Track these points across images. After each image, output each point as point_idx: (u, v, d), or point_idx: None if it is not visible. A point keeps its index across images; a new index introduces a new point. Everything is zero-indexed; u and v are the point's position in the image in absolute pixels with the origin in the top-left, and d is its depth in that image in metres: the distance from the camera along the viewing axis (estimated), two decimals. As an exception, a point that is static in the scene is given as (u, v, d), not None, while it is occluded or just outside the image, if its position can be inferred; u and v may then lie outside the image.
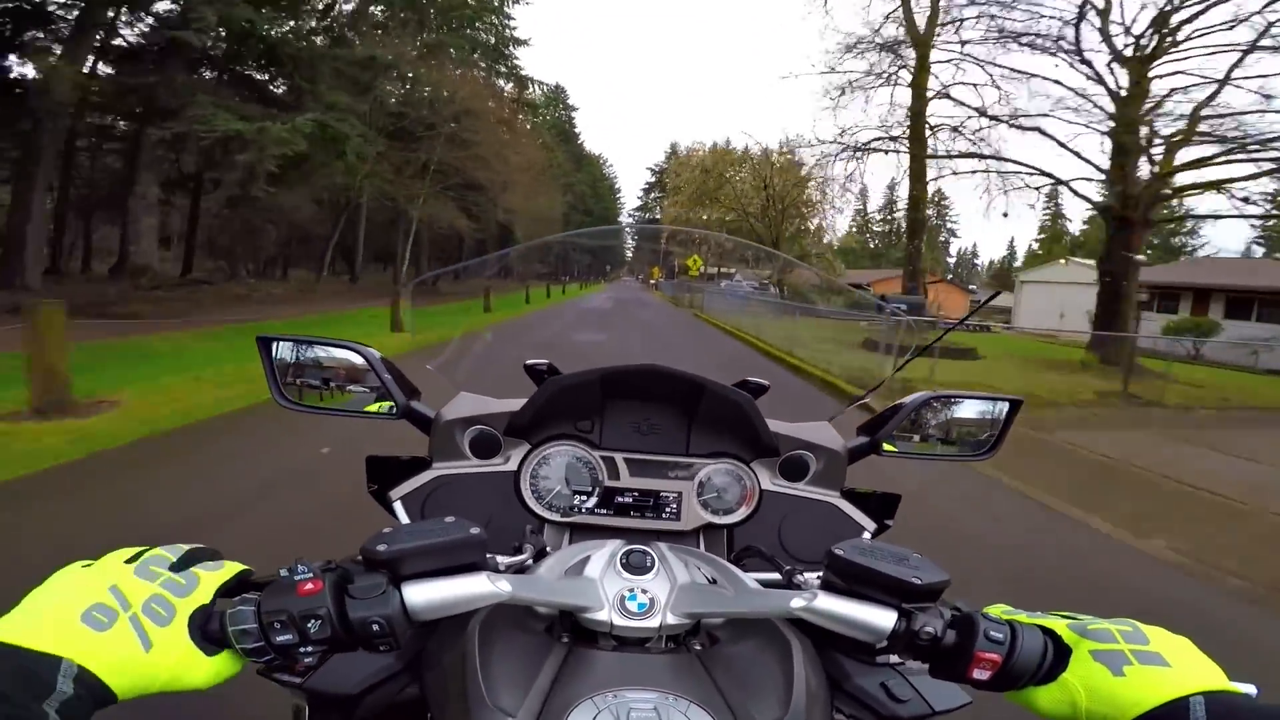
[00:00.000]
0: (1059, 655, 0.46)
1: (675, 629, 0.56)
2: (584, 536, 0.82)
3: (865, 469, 0.88)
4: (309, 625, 0.43)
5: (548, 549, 0.67)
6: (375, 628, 0.45)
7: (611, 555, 0.63)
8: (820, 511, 0.88)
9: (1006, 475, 4.21)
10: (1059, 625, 0.48)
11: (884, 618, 0.49)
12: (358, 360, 0.86)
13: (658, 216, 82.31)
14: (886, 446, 0.89)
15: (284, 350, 0.86)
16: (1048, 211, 78.68)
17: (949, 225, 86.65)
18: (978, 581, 2.50)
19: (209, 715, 1.44)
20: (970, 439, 0.93)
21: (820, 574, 0.55)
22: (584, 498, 0.86)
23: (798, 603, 0.50)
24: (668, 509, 0.86)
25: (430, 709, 0.57)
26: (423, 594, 0.47)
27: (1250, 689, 0.42)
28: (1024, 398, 0.93)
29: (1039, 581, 2.74)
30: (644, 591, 0.58)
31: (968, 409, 0.93)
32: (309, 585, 0.45)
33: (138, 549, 0.45)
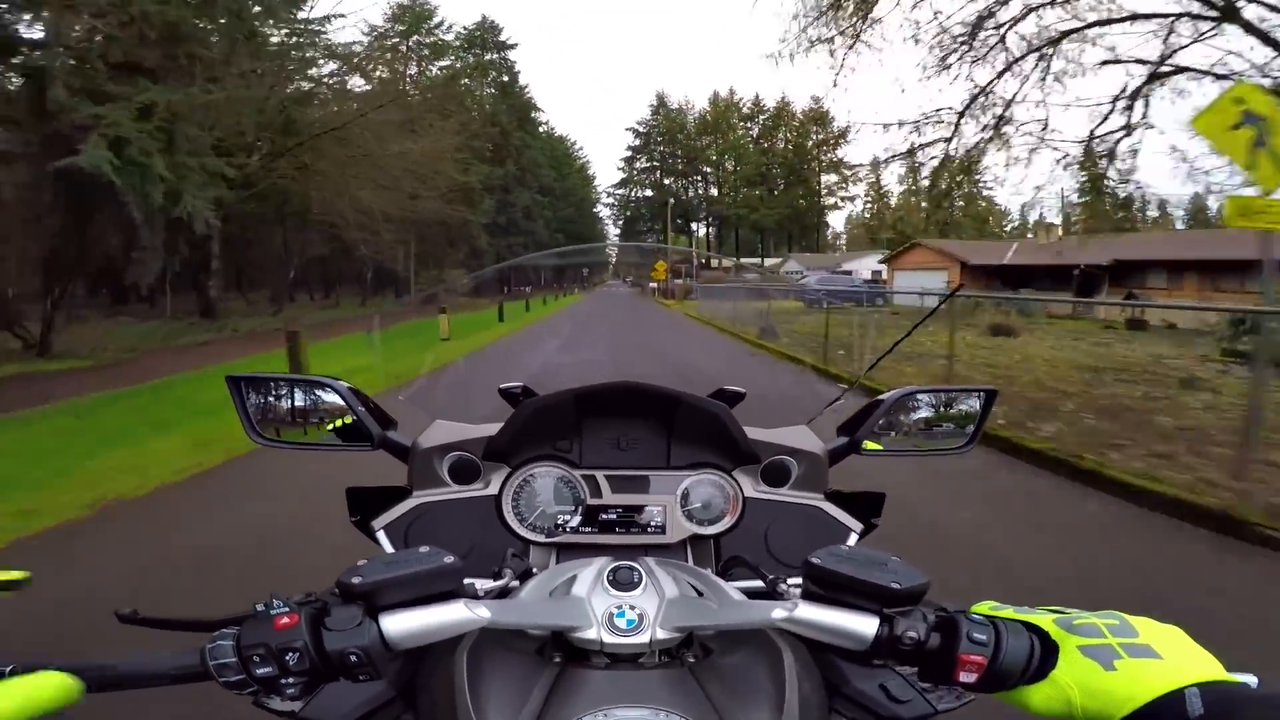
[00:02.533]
0: (1046, 652, 0.49)
1: (666, 643, 0.59)
2: (571, 556, 0.86)
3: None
4: (288, 658, 0.48)
5: (534, 570, 0.72)
6: (353, 658, 0.49)
7: (599, 572, 0.66)
8: (805, 515, 0.94)
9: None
10: (1045, 621, 0.51)
11: (866, 624, 0.52)
12: (330, 394, 0.92)
13: (648, 194, 72.73)
14: (867, 445, 0.95)
15: (254, 389, 0.93)
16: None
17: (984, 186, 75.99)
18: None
19: None
20: (949, 431, 1.00)
21: (796, 584, 0.59)
22: (567, 517, 0.91)
23: (779, 613, 0.54)
24: (652, 523, 0.92)
25: None
26: (400, 624, 0.51)
27: (1250, 678, 0.43)
28: (998, 388, 1.01)
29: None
30: (632, 607, 0.60)
31: (945, 401, 1.00)
32: (284, 619, 0.49)
33: None
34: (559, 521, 0.92)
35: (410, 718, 0.67)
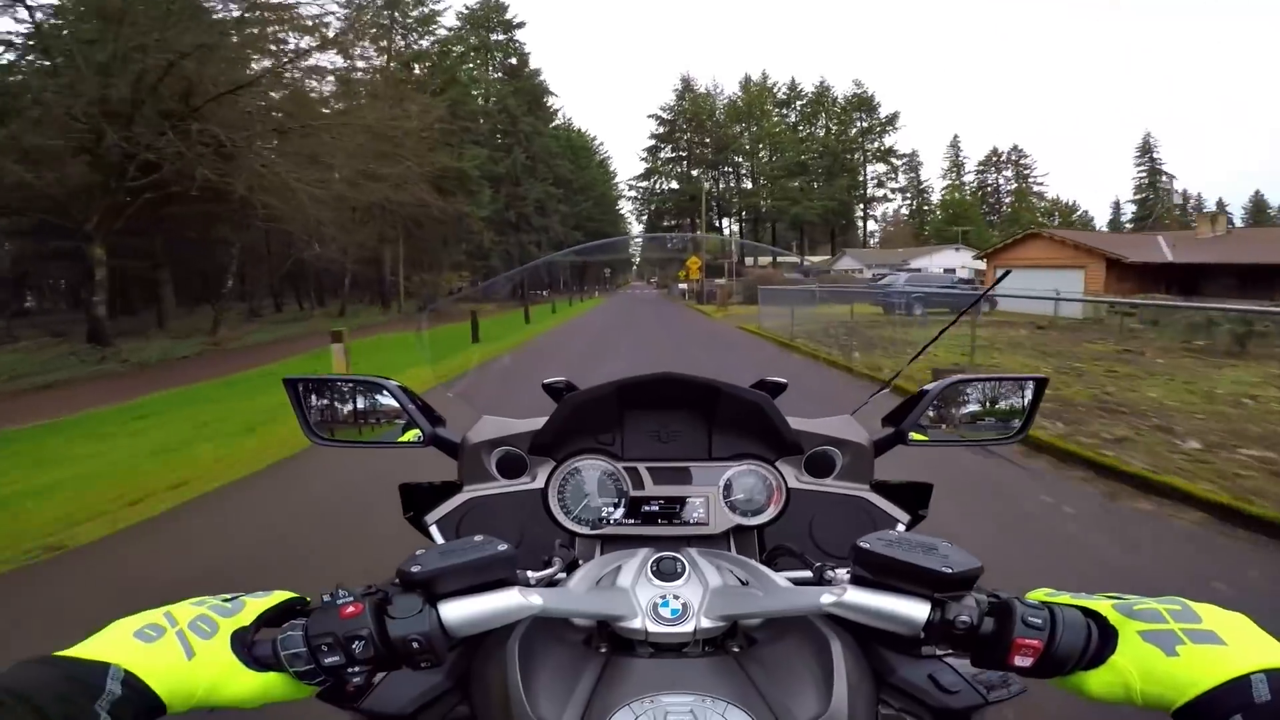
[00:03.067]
0: (1104, 638, 0.49)
1: (710, 632, 0.62)
2: (615, 547, 0.88)
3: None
4: (354, 646, 0.50)
5: (580, 561, 0.74)
6: (415, 645, 0.51)
7: (642, 563, 0.69)
8: (850, 506, 0.95)
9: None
10: (1103, 606, 0.51)
11: (917, 609, 0.52)
12: (382, 394, 0.97)
13: (674, 186, 66.41)
14: (913, 435, 0.96)
15: (310, 390, 0.99)
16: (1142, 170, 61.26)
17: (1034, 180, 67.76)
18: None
19: None
20: (997, 421, 0.99)
21: (847, 570, 0.60)
22: (611, 509, 0.95)
23: (827, 598, 0.55)
24: (695, 514, 0.94)
25: None
26: (458, 611, 0.53)
27: None
28: (1048, 376, 1.00)
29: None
30: (676, 597, 0.64)
31: (992, 391, 1.00)
32: (350, 608, 0.52)
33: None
34: (603, 514, 0.94)
35: (465, 708, 0.69)
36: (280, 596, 0.56)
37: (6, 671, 0.42)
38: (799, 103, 69.75)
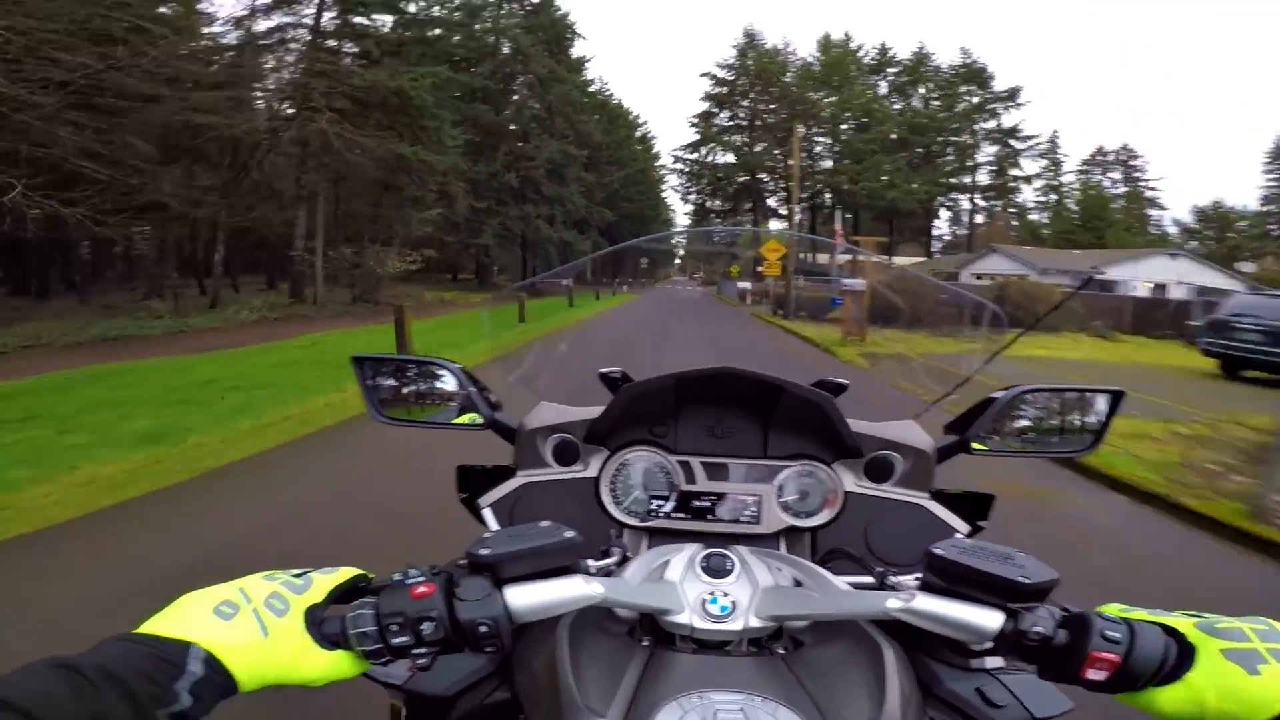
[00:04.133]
0: (1182, 655, 0.50)
1: (758, 632, 0.64)
2: (662, 541, 0.91)
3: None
4: (423, 627, 0.51)
5: (628, 554, 0.76)
6: (483, 629, 0.52)
7: (690, 559, 0.71)
8: (908, 513, 0.94)
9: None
10: (1183, 624, 0.52)
11: (989, 618, 0.53)
12: (444, 374, 1.01)
13: (730, 159, 54.11)
14: (976, 445, 0.95)
15: (376, 369, 1.03)
16: None
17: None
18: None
19: (315, 714, 1.64)
20: (1068, 433, 0.98)
21: (916, 576, 0.61)
22: (661, 502, 0.96)
23: (894, 603, 0.55)
24: (747, 512, 0.95)
25: (522, 710, 0.65)
26: (524, 596, 0.54)
27: None
28: (1124, 389, 0.96)
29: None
30: (725, 594, 0.66)
31: (1064, 402, 0.99)
32: (421, 588, 0.53)
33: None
34: (652, 506, 0.96)
35: (505, 694, 0.71)
36: (348, 573, 0.57)
37: (93, 649, 0.44)
38: (890, 70, 56.06)
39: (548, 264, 37.24)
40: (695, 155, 57.44)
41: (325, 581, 0.55)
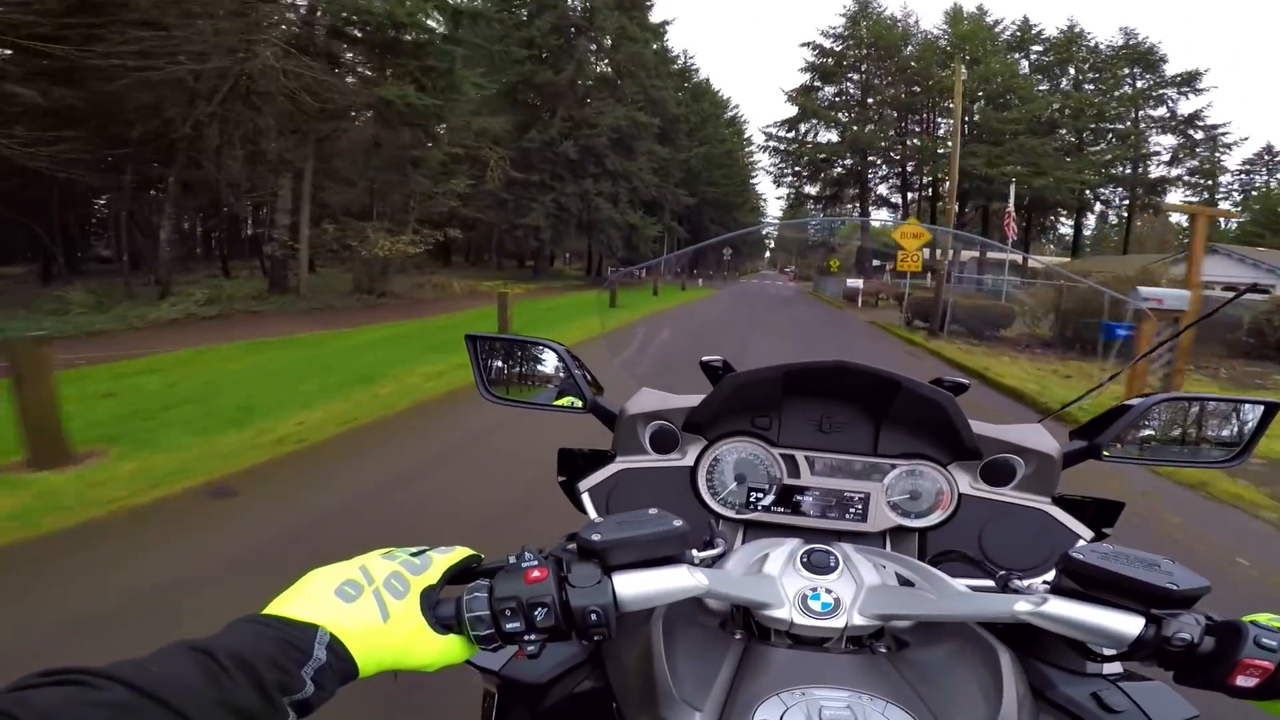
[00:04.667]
0: None
1: (861, 630, 0.63)
2: (758, 534, 0.91)
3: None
4: (536, 613, 0.51)
5: (728, 546, 0.76)
6: (594, 617, 0.52)
7: (791, 554, 0.70)
8: (1027, 518, 0.92)
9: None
10: None
11: (1129, 624, 0.52)
12: (549, 356, 1.03)
13: (832, 139, 46.87)
14: (1107, 452, 0.92)
15: (488, 348, 1.05)
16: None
17: None
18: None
19: (408, 696, 1.61)
20: (1208, 443, 0.95)
21: (1045, 580, 0.61)
22: (760, 495, 0.95)
23: (1024, 606, 0.55)
24: (852, 509, 0.94)
25: (615, 699, 0.65)
26: (631, 585, 0.54)
27: None
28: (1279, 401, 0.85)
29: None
30: (828, 591, 0.64)
31: (1209, 412, 0.95)
32: (535, 572, 0.52)
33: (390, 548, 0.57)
34: (751, 499, 0.95)
35: (595, 682, 0.71)
36: (462, 554, 0.57)
37: (224, 632, 0.44)
38: (1035, 48, 46.53)
39: (609, 250, 31.99)
40: (792, 134, 49.38)
41: (442, 561, 0.55)
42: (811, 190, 48.72)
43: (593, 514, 0.92)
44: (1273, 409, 0.88)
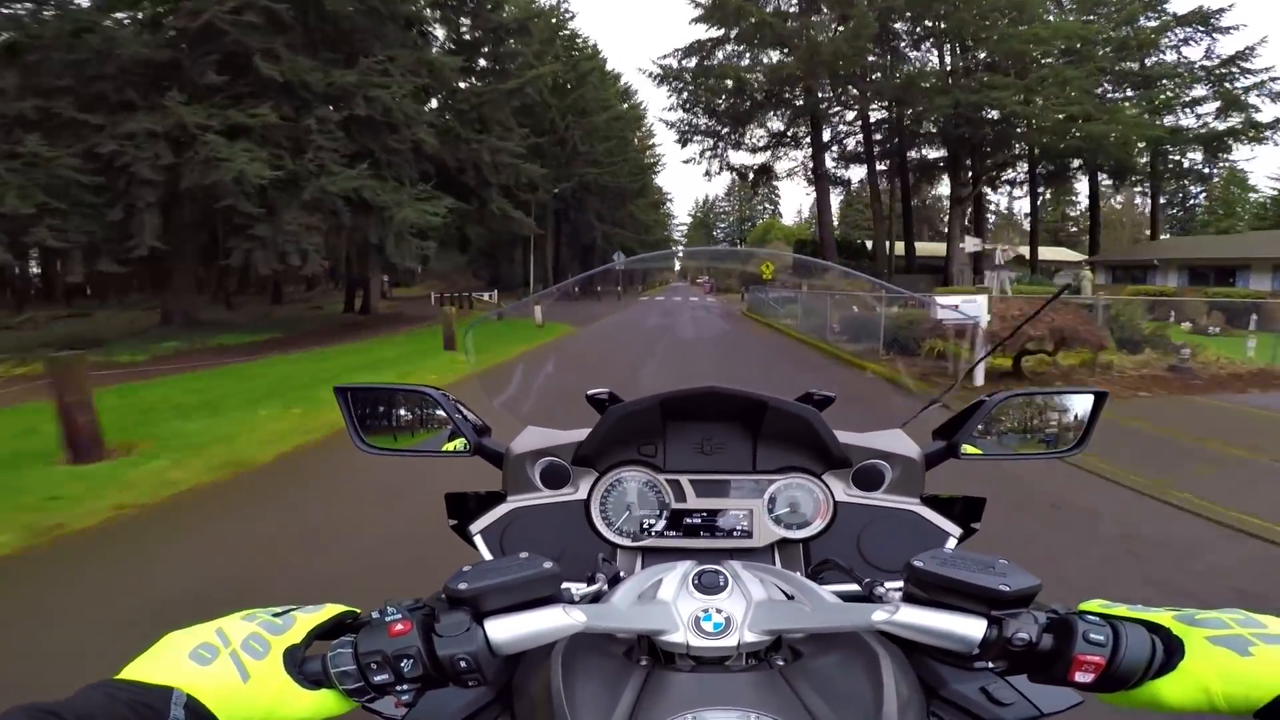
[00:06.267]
0: (1169, 649, 0.53)
1: (754, 646, 0.66)
2: (656, 559, 0.96)
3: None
4: (402, 664, 0.54)
5: (621, 574, 0.80)
6: (463, 664, 0.55)
7: (683, 576, 0.73)
8: (900, 520, 1.00)
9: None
10: (1164, 618, 0.55)
11: (972, 627, 0.56)
12: (429, 401, 1.04)
13: (757, 76, 32.08)
14: (966, 449, 1.00)
15: (359, 399, 1.04)
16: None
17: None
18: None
19: None
20: (1054, 435, 1.04)
21: (900, 587, 0.66)
22: (653, 521, 1.02)
23: (879, 616, 0.58)
24: (738, 527, 1.02)
25: None
26: (504, 629, 0.57)
27: None
28: (1108, 390, 1.02)
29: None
30: (719, 610, 0.67)
31: (1050, 405, 1.05)
32: (399, 626, 0.56)
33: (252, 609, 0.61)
34: (644, 525, 1.02)
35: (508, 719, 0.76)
36: (331, 611, 0.60)
37: (75, 697, 0.45)
38: None
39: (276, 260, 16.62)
40: (691, 61, 33.25)
41: (307, 620, 0.57)
42: (737, 157, 33.45)
43: (486, 555, 0.97)
44: (1101, 397, 0.98)
